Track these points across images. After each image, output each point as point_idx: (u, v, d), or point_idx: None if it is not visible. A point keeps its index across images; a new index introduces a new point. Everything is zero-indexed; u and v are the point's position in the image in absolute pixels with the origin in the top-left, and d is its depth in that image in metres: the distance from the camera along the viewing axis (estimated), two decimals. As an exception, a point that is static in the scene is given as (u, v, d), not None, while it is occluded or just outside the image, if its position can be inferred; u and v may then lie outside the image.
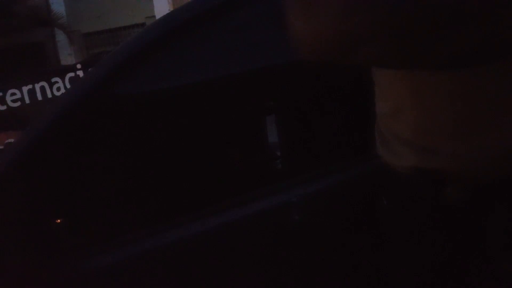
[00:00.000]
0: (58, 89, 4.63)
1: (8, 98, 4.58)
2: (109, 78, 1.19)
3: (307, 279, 1.10)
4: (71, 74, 4.72)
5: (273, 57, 1.17)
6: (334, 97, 1.17)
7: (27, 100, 4.59)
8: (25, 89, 4.60)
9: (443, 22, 0.42)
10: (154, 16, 10.17)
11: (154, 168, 1.21)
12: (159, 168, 1.21)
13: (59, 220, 1.19)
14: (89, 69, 4.13)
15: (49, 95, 4.60)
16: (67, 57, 11.01)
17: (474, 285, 0.61)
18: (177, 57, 1.21)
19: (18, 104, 4.59)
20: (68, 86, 4.63)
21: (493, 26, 0.42)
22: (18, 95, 4.59)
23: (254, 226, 1.12)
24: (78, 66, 4.88)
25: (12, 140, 4.31)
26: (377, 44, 0.45)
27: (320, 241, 1.10)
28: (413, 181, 0.63)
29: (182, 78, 1.24)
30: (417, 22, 0.42)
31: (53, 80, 4.66)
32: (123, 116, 1.21)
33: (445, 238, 0.63)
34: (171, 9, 9.68)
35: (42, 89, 4.64)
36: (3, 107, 4.62)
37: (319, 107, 1.19)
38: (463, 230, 0.60)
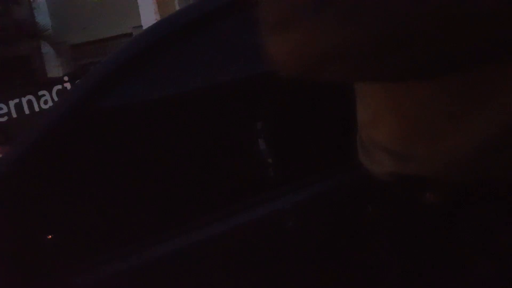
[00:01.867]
0: (46, 102, 4.61)
1: (-5, 113, 4.55)
2: (97, 89, 1.18)
3: (299, 285, 1.10)
4: (59, 87, 4.70)
5: (259, 65, 1.17)
6: (319, 106, 1.18)
7: (14, 114, 4.56)
8: (11, 103, 4.56)
9: (411, 36, 0.44)
10: (140, 26, 10.18)
11: (145, 179, 1.20)
12: (151, 179, 1.20)
13: (50, 236, 1.18)
14: (77, 81, 4.11)
15: (37, 109, 4.58)
16: (54, 69, 10.96)
17: (455, 286, 0.62)
18: (165, 67, 1.20)
19: (5, 118, 4.56)
20: (55, 98, 4.61)
21: (461, 37, 0.44)
22: (5, 110, 4.56)
23: (247, 234, 1.12)
24: (65, 78, 4.86)
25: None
26: (351, 60, 0.46)
27: (312, 247, 1.10)
28: (394, 187, 0.65)
29: (171, 87, 1.24)
30: (390, 37, 0.44)
31: (40, 93, 4.64)
32: (112, 128, 1.21)
33: (426, 241, 0.64)
34: (158, 18, 9.69)
35: (29, 102, 4.61)
36: (-10, 122, 4.59)
37: (305, 115, 1.19)
38: (443, 232, 0.62)
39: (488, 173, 0.57)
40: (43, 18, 11.17)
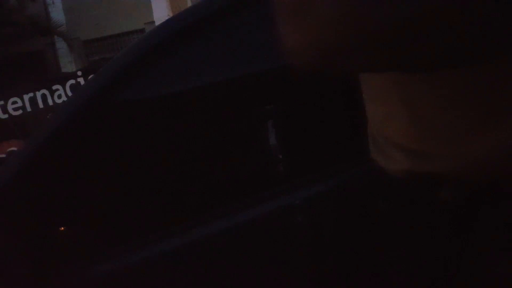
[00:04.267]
0: (59, 96, 4.65)
1: (10, 107, 4.60)
2: (109, 85, 1.19)
3: (309, 282, 1.10)
4: (72, 81, 4.74)
5: (270, 60, 1.17)
6: (330, 102, 1.17)
7: (28, 108, 4.61)
8: (26, 97, 4.61)
9: (430, 23, 0.40)
10: (153, 22, 10.20)
11: (156, 173, 1.20)
12: (162, 174, 1.20)
13: (63, 228, 1.20)
14: (90, 76, 4.14)
15: (50, 103, 4.62)
16: (67, 64, 11.05)
17: (472, 287, 0.61)
18: (177, 63, 1.20)
19: (19, 112, 4.61)
20: (69, 93, 4.65)
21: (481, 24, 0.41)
22: (20, 104, 4.61)
23: (257, 230, 1.12)
24: (79, 73, 4.90)
25: (14, 148, 4.32)
26: (371, 49, 0.43)
27: (322, 243, 1.10)
28: (407, 184, 0.63)
29: (184, 83, 1.24)
30: (409, 25, 0.41)
31: (54, 87, 4.68)
32: (125, 123, 1.21)
33: (440, 240, 0.63)
34: (170, 14, 9.70)
35: (43, 96, 4.66)
36: (5, 116, 4.64)
37: (317, 111, 1.19)
38: (458, 232, 0.60)
39: None
40: (57, 14, 11.25)
